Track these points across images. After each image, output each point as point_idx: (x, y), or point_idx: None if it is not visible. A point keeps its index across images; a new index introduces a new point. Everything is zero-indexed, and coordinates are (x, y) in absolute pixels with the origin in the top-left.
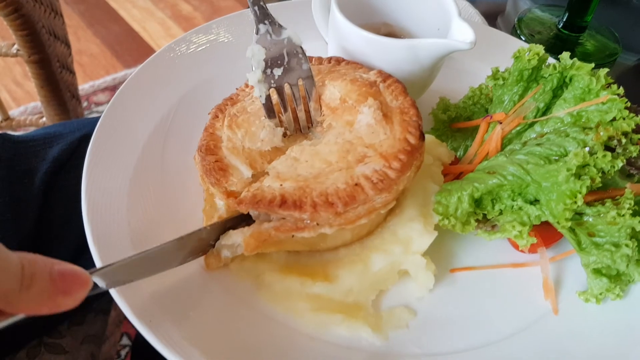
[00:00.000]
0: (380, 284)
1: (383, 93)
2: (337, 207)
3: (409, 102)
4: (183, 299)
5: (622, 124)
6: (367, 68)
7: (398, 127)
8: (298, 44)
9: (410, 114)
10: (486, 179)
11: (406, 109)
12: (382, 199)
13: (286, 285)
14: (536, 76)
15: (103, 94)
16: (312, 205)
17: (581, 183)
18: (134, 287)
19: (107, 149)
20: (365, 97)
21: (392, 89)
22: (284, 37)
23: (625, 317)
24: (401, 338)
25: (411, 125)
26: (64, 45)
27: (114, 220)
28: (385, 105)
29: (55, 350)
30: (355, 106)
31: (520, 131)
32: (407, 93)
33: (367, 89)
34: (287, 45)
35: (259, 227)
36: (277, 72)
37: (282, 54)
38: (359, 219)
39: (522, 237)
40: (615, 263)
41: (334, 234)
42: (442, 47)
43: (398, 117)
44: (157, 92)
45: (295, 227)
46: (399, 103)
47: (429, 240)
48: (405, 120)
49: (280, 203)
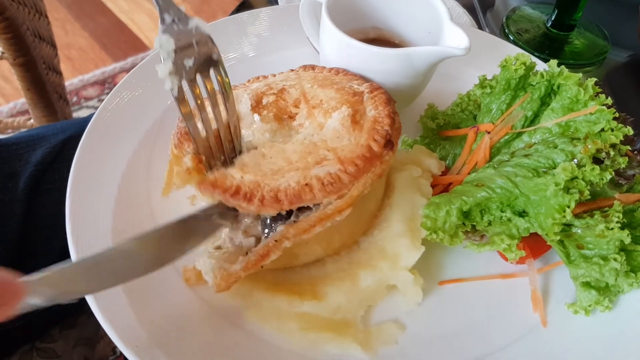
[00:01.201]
0: (369, 299)
1: (365, 102)
2: (282, 204)
3: (386, 112)
4: (170, 321)
5: (610, 136)
6: (363, 80)
7: (365, 134)
8: (207, 32)
9: (383, 123)
10: (474, 192)
11: (381, 118)
12: (333, 204)
13: (275, 304)
14: (524, 84)
15: (92, 89)
16: (261, 199)
17: (570, 197)
18: (118, 309)
19: (90, 169)
20: (344, 104)
21: (375, 100)
22: (191, 27)
23: (615, 328)
24: (391, 354)
25: (379, 133)
26: (49, 46)
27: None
28: (360, 114)
29: (48, 355)
30: (330, 111)
31: (508, 140)
32: (389, 104)
33: (349, 97)
34: (196, 35)
35: (228, 270)
36: (188, 63)
37: (191, 43)
38: (312, 228)
39: (511, 250)
40: (604, 276)
41: (305, 250)
42: (437, 54)
43: (369, 125)
44: (144, 100)
45: (260, 257)
46: (375, 112)
47: (417, 255)
48: (375, 129)
49: (233, 193)
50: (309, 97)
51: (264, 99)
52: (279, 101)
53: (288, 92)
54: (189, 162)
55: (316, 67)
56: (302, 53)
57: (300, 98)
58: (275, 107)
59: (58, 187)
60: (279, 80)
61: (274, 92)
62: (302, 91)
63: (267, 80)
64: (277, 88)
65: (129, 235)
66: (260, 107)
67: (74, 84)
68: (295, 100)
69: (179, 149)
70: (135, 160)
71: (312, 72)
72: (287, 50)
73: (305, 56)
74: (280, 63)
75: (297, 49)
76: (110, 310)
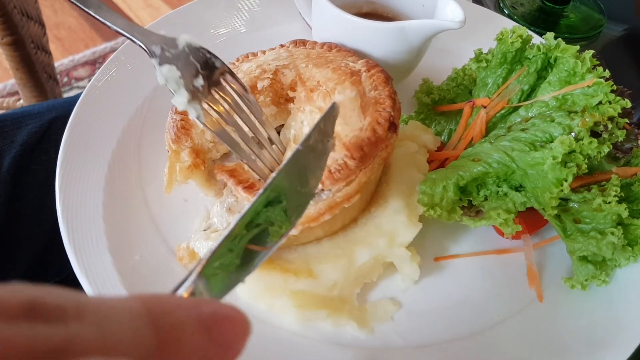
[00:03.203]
0: (365, 276)
1: (363, 82)
2: None
3: (386, 92)
4: None
5: (608, 109)
6: (357, 56)
7: (368, 117)
8: (198, 45)
9: (385, 105)
10: (471, 167)
11: (382, 99)
12: (342, 191)
13: (269, 282)
14: (520, 58)
15: (83, 69)
16: None
17: (567, 171)
18: (112, 290)
19: (81, 147)
20: (342, 85)
21: (373, 79)
22: (182, 46)
23: (611, 302)
24: (386, 331)
25: (382, 116)
26: (37, 25)
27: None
28: (359, 95)
29: None
30: (330, 94)
31: (504, 114)
32: (388, 83)
33: (347, 77)
34: (191, 52)
35: None
36: (198, 82)
37: (191, 61)
38: (321, 216)
39: (508, 224)
40: (601, 250)
41: (307, 233)
42: (431, 27)
43: (371, 107)
44: (134, 77)
45: None
46: (376, 93)
47: (414, 232)
48: (377, 111)
49: (247, 186)
50: (305, 78)
51: (259, 84)
52: (274, 84)
53: (283, 74)
54: (186, 157)
55: (307, 42)
56: (294, 29)
57: (296, 80)
58: (271, 91)
59: (45, 168)
60: (271, 59)
61: (269, 76)
62: (297, 72)
63: (258, 60)
64: (270, 70)
65: (121, 214)
66: (256, 93)
67: (64, 65)
68: (292, 82)
69: (177, 144)
70: (125, 137)
71: (304, 49)
72: (279, 25)
73: (297, 32)
74: (272, 39)
75: (289, 24)
76: (102, 289)
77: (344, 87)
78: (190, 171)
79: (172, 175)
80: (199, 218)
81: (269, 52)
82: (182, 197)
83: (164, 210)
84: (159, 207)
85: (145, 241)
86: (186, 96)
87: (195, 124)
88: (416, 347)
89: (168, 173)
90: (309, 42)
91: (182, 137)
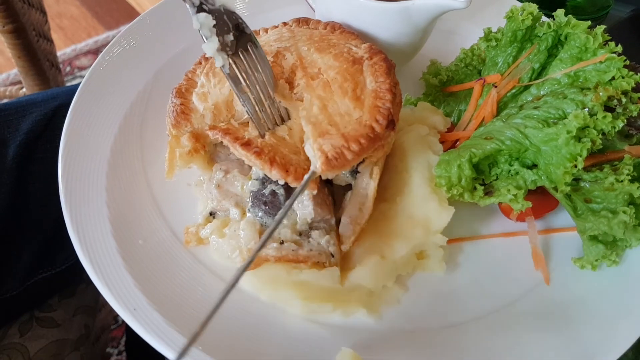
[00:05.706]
0: (400, 269)
1: (365, 72)
2: (288, 177)
3: (387, 85)
4: (167, 283)
5: (622, 83)
6: (361, 40)
7: (367, 112)
8: (232, 10)
9: (385, 99)
10: (483, 145)
11: (382, 93)
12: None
13: (272, 274)
14: (530, 36)
15: (86, 58)
16: (271, 160)
17: (582, 145)
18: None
19: (83, 133)
20: (344, 76)
21: (375, 69)
22: (219, 5)
23: (621, 283)
24: (394, 314)
25: (380, 113)
26: (39, 13)
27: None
28: (360, 87)
29: (48, 324)
30: (330, 84)
31: (515, 94)
32: (389, 73)
33: (349, 66)
34: (225, 12)
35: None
36: (228, 38)
37: (225, 20)
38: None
39: (517, 200)
40: (612, 230)
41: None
42: (437, 7)
43: (370, 101)
44: (135, 62)
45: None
46: (376, 85)
47: (448, 216)
48: (377, 106)
49: (244, 143)
50: (306, 63)
51: None
52: (275, 67)
53: (284, 57)
54: (186, 141)
55: (310, 21)
56: (297, 11)
57: (296, 64)
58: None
59: (50, 156)
60: (273, 39)
61: (270, 58)
62: (299, 55)
63: (260, 39)
64: (272, 52)
65: (124, 198)
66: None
67: (67, 54)
68: (292, 65)
69: (177, 129)
70: (127, 122)
71: (307, 29)
72: (281, 8)
73: (301, 15)
74: (275, 22)
75: (292, 6)
76: (107, 275)
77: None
78: (190, 156)
79: (172, 161)
80: (202, 201)
81: (272, 30)
82: (185, 181)
83: (167, 195)
84: (161, 191)
85: (148, 225)
86: (217, 43)
87: (195, 108)
88: (422, 330)
89: (168, 158)
90: (312, 20)
91: (182, 121)
